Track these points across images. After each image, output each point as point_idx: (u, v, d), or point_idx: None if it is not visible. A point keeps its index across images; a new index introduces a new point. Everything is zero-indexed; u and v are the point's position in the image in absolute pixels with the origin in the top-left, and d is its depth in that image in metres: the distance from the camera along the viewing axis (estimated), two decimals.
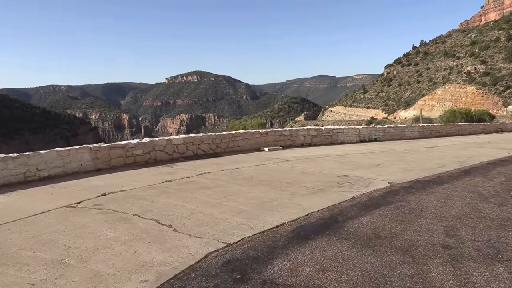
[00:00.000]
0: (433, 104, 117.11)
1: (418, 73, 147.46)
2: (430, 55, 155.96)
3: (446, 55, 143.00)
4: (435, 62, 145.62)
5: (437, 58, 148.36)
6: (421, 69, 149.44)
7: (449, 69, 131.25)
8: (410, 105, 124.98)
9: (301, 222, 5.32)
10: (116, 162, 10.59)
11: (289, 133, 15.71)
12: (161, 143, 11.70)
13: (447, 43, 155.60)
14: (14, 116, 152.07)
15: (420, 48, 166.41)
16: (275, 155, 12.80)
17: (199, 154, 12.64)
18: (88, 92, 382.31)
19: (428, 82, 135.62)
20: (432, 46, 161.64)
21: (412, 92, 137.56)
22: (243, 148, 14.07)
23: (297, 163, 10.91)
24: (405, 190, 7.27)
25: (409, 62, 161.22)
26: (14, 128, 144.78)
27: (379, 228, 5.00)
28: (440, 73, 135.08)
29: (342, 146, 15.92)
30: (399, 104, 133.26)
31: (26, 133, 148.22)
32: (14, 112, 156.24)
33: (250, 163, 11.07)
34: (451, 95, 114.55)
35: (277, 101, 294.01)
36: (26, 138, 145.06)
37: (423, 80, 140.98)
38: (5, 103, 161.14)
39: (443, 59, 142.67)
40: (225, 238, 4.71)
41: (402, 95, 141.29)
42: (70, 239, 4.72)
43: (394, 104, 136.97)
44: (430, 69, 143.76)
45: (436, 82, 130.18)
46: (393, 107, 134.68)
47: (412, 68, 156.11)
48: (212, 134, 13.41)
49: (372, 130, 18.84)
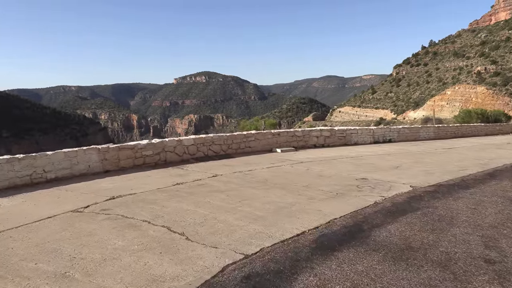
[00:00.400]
0: (443, 105, 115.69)
1: (428, 73, 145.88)
2: (439, 55, 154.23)
3: (456, 55, 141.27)
4: (445, 62, 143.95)
5: (447, 58, 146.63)
6: (431, 69, 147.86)
7: (459, 69, 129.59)
8: (419, 106, 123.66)
9: (323, 231, 4.92)
10: (125, 164, 10.28)
11: (302, 133, 15.29)
12: (171, 144, 11.37)
13: (457, 43, 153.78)
14: (25, 116, 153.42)
15: (429, 48, 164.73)
16: (288, 157, 12.40)
17: (210, 155, 12.29)
18: (97, 93, 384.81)
19: (438, 83, 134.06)
20: (441, 46, 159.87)
21: (421, 93, 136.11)
22: (255, 149, 13.70)
23: (312, 165, 10.50)
24: (430, 195, 6.83)
25: (418, 62, 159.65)
26: (25, 128, 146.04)
27: (409, 238, 4.59)
28: (450, 73, 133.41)
29: (356, 147, 15.46)
30: (408, 105, 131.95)
31: (37, 133, 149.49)
32: (25, 113, 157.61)
33: (263, 165, 10.68)
34: (461, 95, 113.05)
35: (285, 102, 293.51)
36: (36, 138, 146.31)
37: (433, 80, 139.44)
38: (16, 104, 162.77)
39: (453, 59, 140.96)
40: (242, 248, 4.33)
41: (411, 96, 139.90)
42: (75, 249, 4.38)
43: (403, 104, 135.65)
44: (440, 69, 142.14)
45: (446, 82, 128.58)
46: (402, 107, 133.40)
47: (421, 68, 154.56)
48: (223, 135, 13.06)
49: (386, 131, 18.35)
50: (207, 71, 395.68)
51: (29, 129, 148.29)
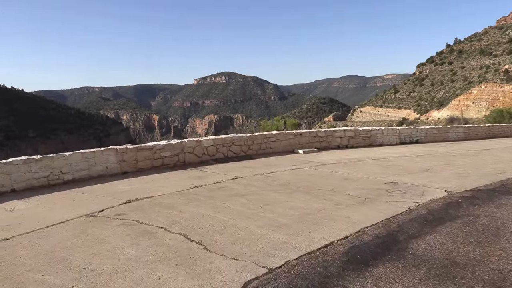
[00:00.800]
0: (468, 104, 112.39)
1: (452, 72, 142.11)
2: (465, 53, 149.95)
3: (482, 53, 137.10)
4: (471, 61, 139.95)
5: (473, 56, 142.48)
6: (455, 67, 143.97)
7: (486, 67, 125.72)
8: (444, 105, 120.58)
9: (354, 241, 4.47)
10: (143, 165, 10.03)
11: (325, 134, 14.77)
12: (190, 145, 11.08)
13: (483, 40, 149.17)
14: (50, 117, 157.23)
15: (454, 46, 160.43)
16: (310, 158, 11.93)
17: (230, 156, 11.95)
18: (120, 94, 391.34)
19: (463, 82, 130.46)
20: (467, 44, 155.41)
21: (445, 92, 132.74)
22: (276, 150, 13.28)
23: (336, 167, 10.01)
24: (468, 201, 6.27)
25: (443, 61, 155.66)
26: (51, 128, 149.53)
27: (453, 251, 4.09)
28: (476, 72, 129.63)
29: (381, 148, 14.83)
30: (432, 104, 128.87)
31: (62, 133, 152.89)
32: (51, 113, 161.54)
33: (284, 166, 10.26)
34: (487, 94, 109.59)
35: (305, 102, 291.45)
36: (62, 138, 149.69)
37: (458, 79, 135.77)
38: (42, 105, 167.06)
39: (479, 57, 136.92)
40: (265, 260, 3.93)
41: (435, 95, 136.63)
42: (85, 258, 4.07)
43: (427, 104, 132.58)
44: (465, 68, 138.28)
45: (472, 81, 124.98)
46: (426, 107, 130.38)
47: (446, 67, 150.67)
48: (244, 135, 12.69)
49: (413, 131, 17.61)
50: (227, 72, 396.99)
51: (55, 129, 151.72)
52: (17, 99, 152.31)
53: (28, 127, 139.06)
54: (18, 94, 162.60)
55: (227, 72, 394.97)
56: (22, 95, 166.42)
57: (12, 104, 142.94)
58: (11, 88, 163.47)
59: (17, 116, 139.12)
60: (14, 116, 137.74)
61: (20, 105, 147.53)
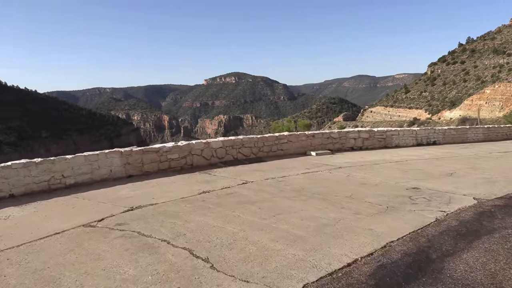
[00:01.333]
0: (481, 104, 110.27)
1: (465, 72, 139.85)
2: (477, 52, 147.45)
3: (496, 52, 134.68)
4: (483, 60, 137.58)
5: (486, 55, 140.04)
6: (468, 67, 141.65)
7: (499, 66, 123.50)
8: (456, 105, 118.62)
9: (380, 259, 3.94)
10: (149, 168, 9.59)
11: (338, 135, 14.20)
12: (198, 147, 10.61)
13: (497, 39, 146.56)
14: (62, 117, 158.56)
15: (467, 46, 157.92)
16: (324, 161, 11.38)
17: (240, 158, 11.46)
18: (130, 94, 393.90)
19: (476, 81, 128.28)
20: (480, 43, 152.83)
21: (458, 92, 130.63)
22: (288, 152, 12.76)
23: (352, 171, 9.45)
24: (502, 210, 5.69)
25: (455, 60, 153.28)
26: (63, 128, 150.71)
27: (497, 274, 3.55)
28: (489, 71, 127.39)
29: (398, 150, 14.20)
30: (444, 104, 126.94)
31: (74, 134, 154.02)
32: (63, 114, 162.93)
33: (297, 170, 9.73)
34: (501, 94, 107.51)
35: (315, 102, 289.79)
36: (73, 138, 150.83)
37: (470, 78, 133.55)
38: (54, 105, 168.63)
39: (492, 56, 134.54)
40: (280, 283, 3.43)
41: (447, 95, 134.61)
42: (77, 278, 3.61)
43: (438, 104, 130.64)
44: (478, 67, 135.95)
45: (485, 80, 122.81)
46: (437, 107, 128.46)
47: (458, 67, 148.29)
48: (254, 137, 12.20)
49: (430, 132, 16.95)
50: (237, 72, 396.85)
51: (67, 129, 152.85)
52: (30, 100, 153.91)
53: (41, 127, 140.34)
54: (31, 95, 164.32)
55: (237, 73, 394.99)
56: (35, 96, 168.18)
57: (25, 105, 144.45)
58: (24, 89, 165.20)
59: (30, 116, 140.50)
60: (27, 116, 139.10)
61: (33, 106, 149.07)
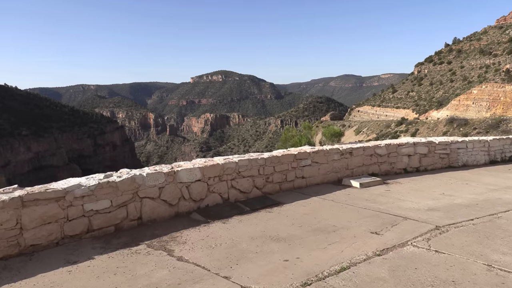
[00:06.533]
0: (469, 104, 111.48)
1: (451, 72, 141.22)
2: (464, 52, 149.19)
3: (482, 53, 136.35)
4: (470, 60, 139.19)
5: (472, 56, 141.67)
6: (455, 67, 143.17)
7: (486, 67, 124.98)
8: (443, 105, 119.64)
9: None
10: (37, 238, 4.91)
11: (386, 151, 9.93)
12: (152, 182, 6.02)
13: (483, 40, 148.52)
14: (44, 115, 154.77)
15: (453, 46, 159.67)
16: (383, 202, 7.14)
17: (232, 199, 7.26)
18: (116, 92, 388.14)
19: (463, 81, 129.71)
20: (466, 43, 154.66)
21: (445, 92, 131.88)
22: (312, 181, 8.53)
23: (473, 245, 4.92)
24: None
25: (442, 60, 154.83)
26: (44, 126, 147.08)
27: None
28: (476, 71, 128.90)
29: (470, 174, 10.18)
30: (431, 104, 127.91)
31: (56, 132, 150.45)
32: (44, 111, 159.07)
33: (357, 235, 5.21)
34: (488, 94, 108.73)
35: (302, 101, 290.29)
36: (55, 136, 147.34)
37: (457, 79, 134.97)
38: (36, 102, 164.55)
39: (479, 57, 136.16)
40: None
41: (434, 95, 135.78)
42: None
43: (426, 104, 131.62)
44: (465, 68, 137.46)
45: (471, 81, 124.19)
46: (425, 107, 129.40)
47: (445, 67, 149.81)
48: (257, 158, 7.64)
49: (505, 144, 12.57)
50: (224, 70, 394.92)
51: (48, 127, 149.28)
52: (10, 96, 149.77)
53: (21, 125, 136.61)
54: (11, 91, 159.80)
55: (224, 71, 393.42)
56: (15, 92, 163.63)
57: (4, 101, 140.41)
58: (4, 85, 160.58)
59: (10, 113, 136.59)
60: (6, 113, 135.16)
61: (13, 103, 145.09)
